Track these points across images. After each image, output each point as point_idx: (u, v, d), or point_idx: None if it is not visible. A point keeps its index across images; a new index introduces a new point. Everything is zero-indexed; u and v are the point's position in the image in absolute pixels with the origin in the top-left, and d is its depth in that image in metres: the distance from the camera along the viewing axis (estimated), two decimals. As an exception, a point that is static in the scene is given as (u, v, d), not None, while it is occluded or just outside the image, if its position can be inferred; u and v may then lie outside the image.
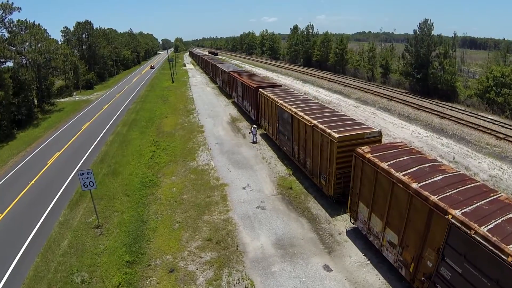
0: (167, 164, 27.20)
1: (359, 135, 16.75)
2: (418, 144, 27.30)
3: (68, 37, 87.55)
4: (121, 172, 26.44)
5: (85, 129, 40.80)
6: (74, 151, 32.59)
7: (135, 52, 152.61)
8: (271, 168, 24.61)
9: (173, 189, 22.75)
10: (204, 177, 24.10)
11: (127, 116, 46.00)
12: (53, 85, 65.03)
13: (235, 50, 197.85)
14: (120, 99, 60.46)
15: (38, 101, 58.23)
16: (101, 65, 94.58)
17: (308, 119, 19.90)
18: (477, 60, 79.74)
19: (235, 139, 31.74)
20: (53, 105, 60.40)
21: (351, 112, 38.31)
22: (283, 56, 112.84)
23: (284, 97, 26.65)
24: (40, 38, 59.16)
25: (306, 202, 19.75)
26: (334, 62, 73.84)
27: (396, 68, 55.92)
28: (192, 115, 42.64)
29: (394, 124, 33.27)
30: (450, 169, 12.76)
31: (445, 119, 33.13)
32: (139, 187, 23.53)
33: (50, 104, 60.23)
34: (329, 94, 51.11)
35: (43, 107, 57.30)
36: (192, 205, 20.42)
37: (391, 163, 13.01)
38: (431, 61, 44.80)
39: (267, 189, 21.63)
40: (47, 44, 60.16)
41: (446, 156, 24.78)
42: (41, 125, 46.94)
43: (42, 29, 61.04)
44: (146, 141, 33.72)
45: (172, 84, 72.68)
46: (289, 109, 22.83)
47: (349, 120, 19.37)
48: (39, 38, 58.94)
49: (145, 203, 21.22)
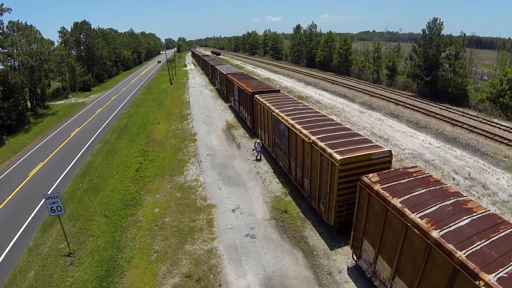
0: (153, 178, 24.87)
1: (366, 156, 14.21)
2: (429, 156, 24.67)
3: (65, 38, 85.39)
4: (102, 188, 24.22)
5: (74, 136, 38.53)
6: (58, 161, 30.35)
7: (136, 52, 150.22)
8: (265, 185, 22.10)
9: (155, 210, 20.45)
10: (191, 195, 21.68)
11: (118, 121, 43.66)
12: (47, 88, 62.88)
13: (237, 50, 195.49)
14: (114, 102, 58.16)
15: (32, 105, 56.08)
16: (99, 66, 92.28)
17: (306, 133, 17.35)
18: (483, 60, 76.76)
19: (229, 149, 29.26)
20: (47, 108, 58.21)
21: (355, 118, 35.78)
22: (286, 57, 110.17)
23: (282, 105, 24.13)
24: (32, 40, 57.08)
25: (303, 229, 17.23)
26: (338, 62, 71.10)
27: (403, 70, 53.15)
28: (186, 121, 40.22)
29: (402, 132, 30.62)
30: (478, 207, 10.21)
31: (457, 127, 30.46)
32: (119, 207, 21.33)
33: (44, 108, 58.08)
34: (332, 97, 48.47)
35: (36, 111, 55.14)
36: (174, 231, 18.13)
37: (405, 199, 10.47)
38: (441, 63, 42.04)
39: (260, 212, 19.14)
40: (40, 46, 58.00)
41: (461, 172, 22.15)
42: (32, 130, 44.79)
43: (35, 30, 58.98)
44: (135, 151, 31.40)
45: (170, 86, 70.37)
46: (286, 120, 20.30)
47: (354, 135, 16.77)
48: (31, 39, 56.89)
49: (123, 227, 19.05)
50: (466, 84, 39.27)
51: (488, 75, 64.52)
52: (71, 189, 24.51)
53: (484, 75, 62.86)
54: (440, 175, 21.70)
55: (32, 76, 56.14)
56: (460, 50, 40.13)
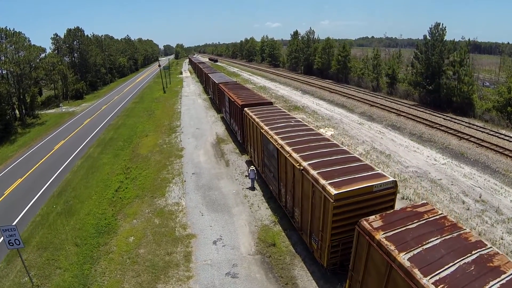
0: (132, 200, 22.64)
1: (366, 189, 11.87)
2: (435, 175, 22.35)
3: (58, 45, 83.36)
4: (77, 211, 22.00)
5: (57, 149, 36.26)
6: (37, 179, 28.13)
7: (132, 59, 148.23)
8: (253, 212, 19.76)
9: (130, 239, 18.23)
10: (170, 223, 19.37)
11: (105, 134, 41.37)
12: (37, 96, 60.76)
13: (235, 57, 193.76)
14: (104, 112, 55.87)
15: (20, 114, 53.89)
16: (93, 73, 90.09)
17: (296, 158, 15.02)
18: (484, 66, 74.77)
19: (216, 167, 26.94)
20: (36, 117, 55.91)
21: (354, 131, 33.50)
22: (283, 63, 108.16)
23: (272, 121, 21.84)
24: (20, 47, 55.06)
25: (292, 267, 14.89)
26: (336, 70, 68.94)
27: (403, 77, 50.93)
28: (174, 133, 37.96)
29: (405, 147, 28.30)
30: (507, 263, 7.90)
31: (464, 140, 28.15)
32: (92, 234, 19.11)
33: (33, 117, 55.82)
34: (330, 107, 46.23)
35: (25, 120, 52.86)
36: (147, 266, 15.92)
37: (415, 254, 8.18)
38: (444, 70, 39.81)
39: (244, 244, 16.81)
40: (28, 54, 55.93)
41: (471, 193, 19.83)
42: (17, 141, 42.54)
43: (23, 37, 57.02)
44: (117, 167, 29.15)
45: (163, 95, 68.17)
46: (275, 140, 18.00)
47: (352, 160, 14.35)
48: (19, 47, 54.88)
49: (94, 258, 16.88)
50: (472, 92, 36.99)
51: (489, 81, 62.47)
52: (44, 211, 22.37)
53: (486, 81, 60.76)
54: (449, 197, 19.38)
55: (21, 85, 54.02)
56: (465, 56, 37.92)
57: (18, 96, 53.75)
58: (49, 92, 74.42)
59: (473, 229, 16.37)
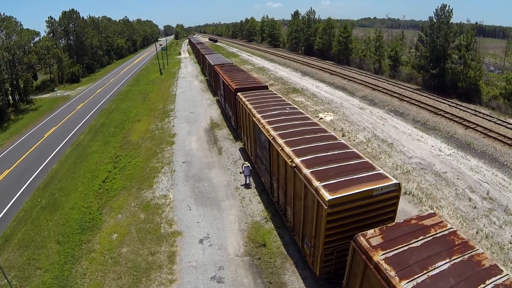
0: (118, 192, 21.48)
1: (365, 193, 10.46)
2: (440, 167, 20.95)
3: (53, 28, 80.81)
4: (62, 205, 20.82)
5: (48, 137, 34.85)
6: (24, 170, 26.80)
7: (130, 40, 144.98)
8: (243, 206, 18.48)
9: (113, 236, 17.14)
10: (156, 218, 18.15)
11: (96, 119, 39.84)
12: (30, 82, 58.97)
13: (235, 37, 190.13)
14: (98, 96, 54.05)
15: (14, 100, 52.28)
16: (89, 55, 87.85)
17: (289, 153, 13.58)
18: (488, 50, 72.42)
19: (208, 155, 25.59)
20: (31, 103, 54.16)
21: (355, 116, 31.97)
22: (283, 44, 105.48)
23: (265, 107, 20.30)
24: (11, 32, 53.09)
25: (283, 271, 13.70)
26: (338, 51, 66.68)
27: (407, 60, 48.92)
28: (168, 118, 36.48)
29: (409, 135, 26.80)
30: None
31: (471, 129, 26.60)
32: (75, 230, 18.01)
33: (27, 103, 54.12)
34: (330, 90, 44.48)
35: (18, 107, 51.17)
36: (129, 267, 14.82)
37: (419, 284, 6.86)
38: (449, 54, 37.88)
39: (232, 244, 15.61)
40: (19, 38, 53.96)
41: (478, 189, 18.47)
42: (10, 128, 40.94)
43: (14, 21, 54.92)
44: (107, 155, 27.91)
45: (160, 77, 66.22)
46: (267, 131, 16.55)
47: (351, 156, 12.82)
48: (10, 31, 52.89)
49: (76, 257, 15.87)
50: (479, 78, 35.16)
51: (494, 65, 60.45)
52: (28, 205, 21.23)
53: (490, 66, 58.76)
54: (454, 194, 18.04)
55: (13, 70, 52.26)
56: (472, 40, 35.94)
57: (11, 82, 52.09)
58: (44, 76, 72.62)
59: (480, 231, 15.10)
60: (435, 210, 16.64)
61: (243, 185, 20.46)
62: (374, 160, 22.52)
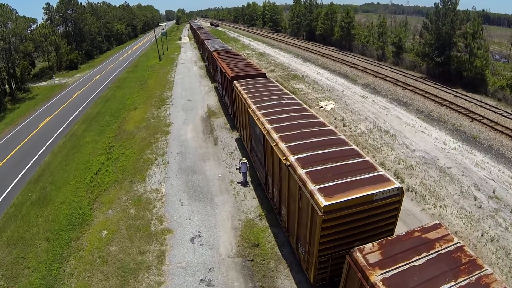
0: (110, 185, 20.79)
1: (364, 199, 9.59)
2: (444, 162, 20.02)
3: (51, 15, 79.08)
4: (52, 199, 20.13)
5: (42, 127, 34.02)
6: (17, 162, 26.09)
7: (130, 26, 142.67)
8: (238, 202, 17.69)
9: (103, 233, 16.47)
10: (146, 214, 17.41)
11: (92, 108, 38.86)
12: (29, 69, 57.93)
13: (237, 22, 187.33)
14: (96, 84, 52.86)
15: (10, 89, 51.34)
16: (88, 42, 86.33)
17: (283, 149, 12.67)
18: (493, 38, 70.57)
19: (203, 146, 24.74)
20: (28, 91, 53.09)
21: (357, 105, 30.93)
22: (285, 29, 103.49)
23: (262, 97, 19.30)
24: (6, 20, 51.83)
25: (276, 275, 12.96)
26: (340, 37, 65.11)
27: (411, 47, 47.46)
28: (164, 106, 35.53)
29: (412, 126, 25.76)
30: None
31: (476, 122, 25.54)
32: (65, 226, 17.36)
33: (24, 91, 53.07)
34: (332, 77, 43.28)
35: (15, 96, 50.12)
36: (117, 268, 14.18)
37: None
38: (455, 42, 36.50)
39: (224, 243, 14.86)
40: (15, 27, 52.71)
41: (483, 187, 17.56)
42: (5, 118, 40.05)
43: (9, 9, 53.80)
44: (100, 146, 27.16)
45: (159, 63, 64.98)
46: (262, 123, 15.61)
47: (351, 155, 11.86)
48: (5, 19, 51.64)
49: (64, 255, 15.27)
50: (486, 68, 33.84)
51: (499, 54, 58.88)
52: (19, 200, 20.59)
53: (496, 54, 57.24)
54: (459, 191, 17.16)
55: (9, 59, 51.16)
56: (479, 28, 34.52)
57: (7, 70, 51.10)
58: (43, 64, 71.63)
59: (486, 233, 14.26)
60: (439, 210, 15.84)
61: (240, 182, 19.24)
62: (376, 153, 21.67)
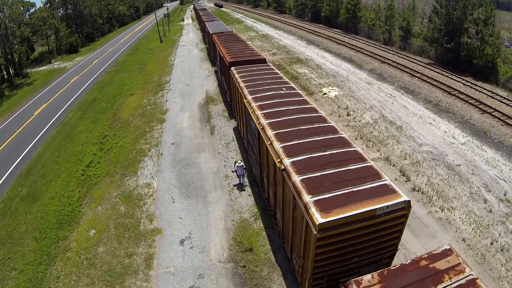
0: (102, 179, 20.04)
1: (366, 214, 8.51)
2: (453, 158, 18.82)
3: (50, -2, 77.36)
4: (42, 195, 19.47)
5: (37, 115, 33.22)
6: (9, 154, 25.48)
7: (133, 7, 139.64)
8: (232, 199, 16.71)
9: (91, 232, 15.74)
10: (136, 212, 16.55)
11: (89, 94, 37.75)
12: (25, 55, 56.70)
13: (241, 2, 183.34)
14: (94, 68, 51.51)
15: (8, 75, 50.31)
16: (89, 24, 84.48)
17: (278, 150, 11.51)
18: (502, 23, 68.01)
19: (199, 136, 23.69)
20: (26, 77, 52.09)
21: (362, 92, 29.57)
22: (290, 10, 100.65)
23: (259, 86, 17.96)
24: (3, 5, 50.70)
25: (269, 284, 12.11)
26: (345, 19, 62.91)
27: (418, 32, 45.48)
28: (162, 91, 34.34)
29: (420, 117, 24.40)
30: None
31: (487, 114, 24.12)
32: (53, 224, 16.70)
33: (22, 77, 52.03)
34: (336, 61, 41.65)
35: (13, 82, 49.09)
36: (103, 271, 13.46)
37: None
38: (466, 28, 34.64)
39: (216, 247, 13.96)
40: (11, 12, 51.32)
41: (494, 187, 16.36)
42: (2, 106, 39.48)
43: None
44: (94, 135, 26.38)
45: (159, 45, 63.25)
46: (257, 117, 14.43)
47: (353, 158, 10.61)
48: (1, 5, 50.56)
49: (52, 256, 14.65)
50: (497, 56, 32.07)
51: (509, 40, 56.66)
52: (9, 196, 20.02)
53: (505, 40, 55.01)
54: (468, 192, 16.02)
55: (6, 44, 49.94)
56: (491, 15, 32.61)
57: (5, 56, 50.08)
58: (42, 48, 70.54)
59: (495, 241, 13.18)
60: (446, 213, 14.77)
61: (236, 185, 17.64)
62: (382, 146, 20.51)
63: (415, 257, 7.37)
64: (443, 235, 13.56)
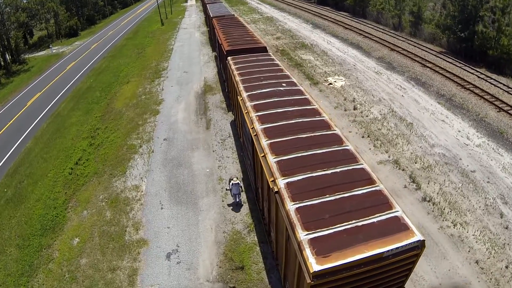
0: (89, 179, 18.91)
1: (371, 258, 7.13)
2: (467, 163, 17.29)
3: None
4: (27, 196, 18.35)
5: (30, 106, 31.73)
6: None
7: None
8: (225, 207, 15.41)
9: (75, 241, 14.63)
10: (122, 218, 15.37)
11: (83, 82, 36.19)
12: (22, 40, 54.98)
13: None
14: (92, 53, 49.55)
15: (5, 62, 48.81)
16: (90, 6, 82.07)
17: (272, 166, 10.00)
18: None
19: (194, 130, 22.31)
20: (24, 63, 50.43)
21: (370, 83, 27.90)
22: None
23: (256, 81, 16.37)
24: None
25: (261, 312, 10.86)
26: (353, 2, 60.39)
27: (430, 18, 43.12)
28: (159, 78, 32.81)
29: (432, 113, 22.69)
30: None
31: (504, 112, 22.35)
32: (37, 231, 15.64)
33: (19, 63, 50.38)
34: (343, 47, 39.65)
35: (10, 69, 47.47)
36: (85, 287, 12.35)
37: None
38: (482, 16, 32.42)
39: (204, 263, 12.76)
40: None
41: (511, 198, 14.94)
42: None
43: None
44: (85, 129, 25.07)
45: (160, 28, 61.20)
46: (251, 120, 12.92)
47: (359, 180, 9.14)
48: None
49: (33, 267, 13.67)
50: (514, 47, 29.95)
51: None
52: None
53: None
54: (483, 204, 14.57)
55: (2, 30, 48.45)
56: (510, 3, 30.37)
57: (1, 42, 48.42)
58: (41, 32, 68.52)
59: (510, 264, 11.86)
60: (459, 229, 13.39)
61: (230, 205, 15.43)
62: (391, 146, 19.02)
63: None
64: (455, 256, 12.23)
